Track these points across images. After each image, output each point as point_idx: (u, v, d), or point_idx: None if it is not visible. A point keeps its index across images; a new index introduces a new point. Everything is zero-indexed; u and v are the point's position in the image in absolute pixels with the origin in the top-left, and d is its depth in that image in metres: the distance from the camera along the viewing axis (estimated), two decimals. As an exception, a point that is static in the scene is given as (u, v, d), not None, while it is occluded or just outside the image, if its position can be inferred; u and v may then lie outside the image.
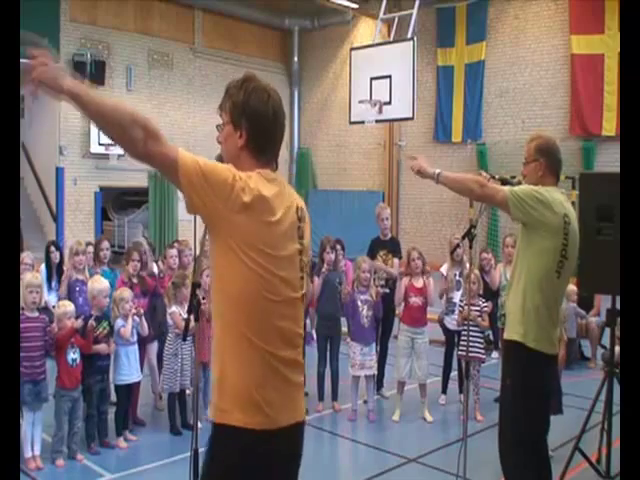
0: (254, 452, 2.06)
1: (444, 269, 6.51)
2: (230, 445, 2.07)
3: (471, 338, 5.78)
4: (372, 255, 6.51)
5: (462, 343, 5.90)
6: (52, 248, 7.36)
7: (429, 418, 5.85)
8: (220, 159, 2.33)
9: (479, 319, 5.87)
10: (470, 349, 5.75)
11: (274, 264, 2.06)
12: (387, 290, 6.35)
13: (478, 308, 5.93)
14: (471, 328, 5.81)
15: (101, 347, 5.01)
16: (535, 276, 3.41)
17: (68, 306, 4.98)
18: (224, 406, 2.08)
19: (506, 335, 3.55)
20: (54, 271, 7.18)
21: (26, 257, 6.56)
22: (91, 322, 4.94)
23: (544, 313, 3.42)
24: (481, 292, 6.18)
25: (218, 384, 2.12)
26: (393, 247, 6.60)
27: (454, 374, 6.39)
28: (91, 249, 6.78)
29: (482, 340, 6.04)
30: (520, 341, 3.42)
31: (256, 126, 2.14)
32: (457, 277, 6.32)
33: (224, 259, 2.05)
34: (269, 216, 2.06)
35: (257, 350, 2.06)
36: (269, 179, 2.12)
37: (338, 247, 6.66)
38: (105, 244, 6.60)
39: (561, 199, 3.49)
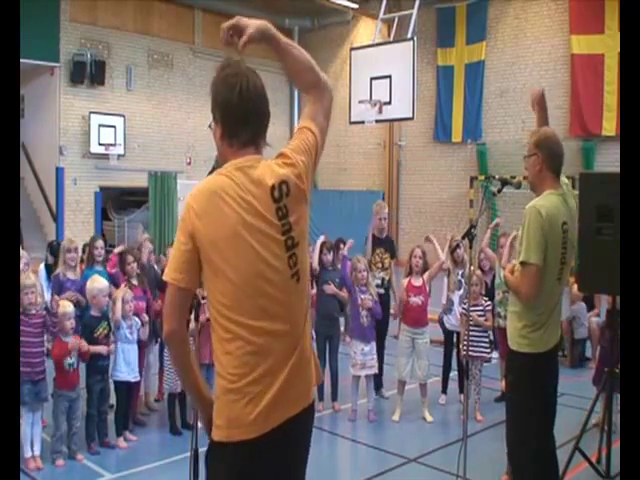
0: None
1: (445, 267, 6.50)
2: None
3: (475, 338, 5.80)
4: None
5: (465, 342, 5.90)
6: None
7: (429, 418, 5.85)
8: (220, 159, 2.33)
9: (481, 319, 5.87)
10: (475, 349, 5.76)
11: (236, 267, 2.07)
12: (382, 291, 6.37)
13: (481, 308, 5.93)
14: (475, 328, 5.82)
15: (100, 348, 5.00)
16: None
17: (68, 307, 4.97)
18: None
19: (512, 346, 3.58)
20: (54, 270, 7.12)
21: (22, 257, 6.50)
22: (105, 347, 5.04)
23: (546, 318, 3.47)
24: (483, 292, 6.19)
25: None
26: (390, 246, 6.67)
27: (453, 374, 6.39)
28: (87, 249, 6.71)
29: (487, 340, 6.03)
30: (526, 352, 3.48)
31: (225, 113, 2.17)
32: (459, 277, 6.32)
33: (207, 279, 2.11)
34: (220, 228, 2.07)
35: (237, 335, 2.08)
36: (238, 169, 2.12)
37: (341, 245, 6.64)
38: (99, 243, 6.53)
39: (557, 204, 3.46)
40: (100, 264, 6.20)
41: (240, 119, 2.15)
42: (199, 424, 2.29)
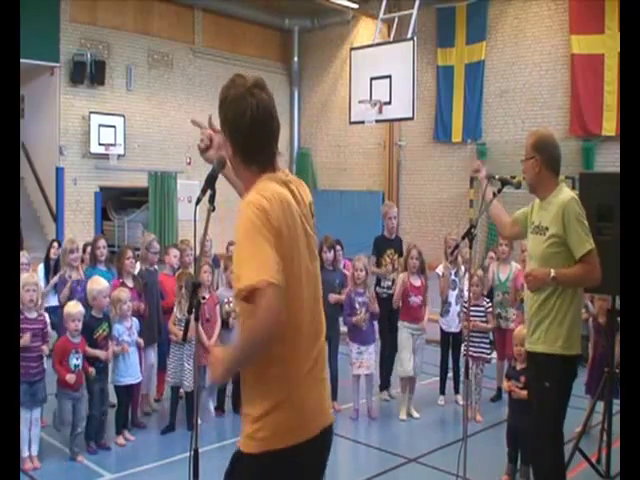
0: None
1: (440, 269, 6.49)
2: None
3: (477, 339, 5.81)
4: (378, 253, 6.51)
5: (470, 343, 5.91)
6: (55, 244, 7.35)
7: (415, 414, 5.87)
8: (219, 161, 2.32)
9: (482, 324, 5.87)
10: (476, 350, 5.77)
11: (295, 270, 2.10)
12: (391, 292, 6.36)
13: (482, 309, 5.93)
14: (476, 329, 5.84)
15: (100, 353, 4.99)
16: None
17: (73, 308, 4.95)
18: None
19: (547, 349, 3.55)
20: (52, 270, 7.10)
21: (22, 257, 6.50)
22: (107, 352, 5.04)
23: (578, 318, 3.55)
24: (485, 292, 6.18)
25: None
26: (400, 247, 6.62)
27: (450, 375, 6.39)
28: (87, 248, 6.71)
29: (488, 341, 6.03)
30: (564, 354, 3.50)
31: (237, 137, 2.14)
32: (452, 277, 6.30)
33: None
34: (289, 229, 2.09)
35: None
36: (282, 183, 2.15)
37: (338, 247, 6.68)
38: (102, 242, 6.53)
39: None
40: (103, 264, 6.21)
41: (255, 147, 2.15)
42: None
